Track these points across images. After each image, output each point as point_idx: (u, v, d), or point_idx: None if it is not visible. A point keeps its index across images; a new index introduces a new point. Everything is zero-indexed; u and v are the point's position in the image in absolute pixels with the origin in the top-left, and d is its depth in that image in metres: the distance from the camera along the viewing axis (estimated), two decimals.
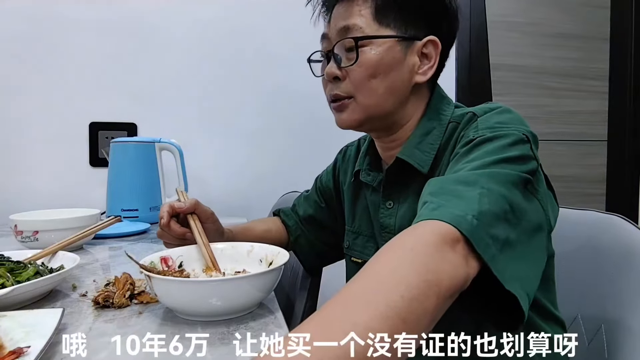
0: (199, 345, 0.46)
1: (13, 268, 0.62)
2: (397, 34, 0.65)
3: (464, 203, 0.44)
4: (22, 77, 1.41)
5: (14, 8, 1.39)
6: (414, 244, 0.40)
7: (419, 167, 0.67)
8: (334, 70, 0.67)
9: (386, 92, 0.67)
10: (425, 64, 0.68)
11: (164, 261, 0.64)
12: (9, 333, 0.43)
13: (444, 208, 0.43)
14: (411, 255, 0.38)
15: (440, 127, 0.68)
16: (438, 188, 0.48)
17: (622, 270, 0.63)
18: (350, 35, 0.65)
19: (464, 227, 0.41)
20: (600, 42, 1.95)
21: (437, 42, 0.68)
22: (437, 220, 0.42)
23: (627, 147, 1.95)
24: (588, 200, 1.94)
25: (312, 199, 0.94)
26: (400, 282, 0.36)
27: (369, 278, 0.38)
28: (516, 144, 0.53)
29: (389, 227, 0.72)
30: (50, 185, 1.42)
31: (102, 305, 0.57)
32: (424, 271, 0.37)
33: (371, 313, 0.33)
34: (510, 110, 0.62)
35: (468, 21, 1.76)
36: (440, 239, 0.40)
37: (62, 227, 0.87)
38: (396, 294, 0.35)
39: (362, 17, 0.65)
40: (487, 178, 0.47)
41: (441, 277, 0.38)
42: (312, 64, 0.76)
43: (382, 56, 0.65)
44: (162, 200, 1.35)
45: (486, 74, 1.81)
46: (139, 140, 1.34)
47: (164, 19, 1.50)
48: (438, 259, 0.38)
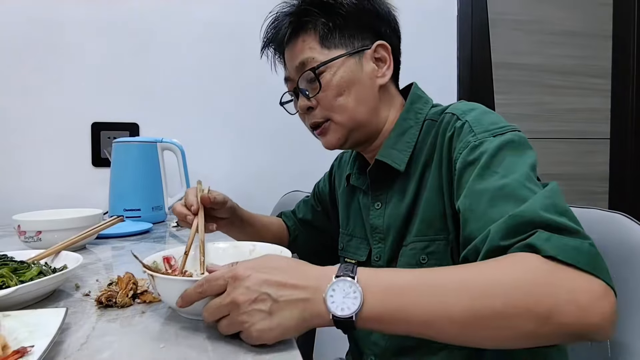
0: (202, 345, 0.46)
1: (16, 268, 0.62)
2: (346, 51, 0.71)
3: (574, 235, 0.45)
4: (24, 77, 1.41)
5: (16, 8, 1.39)
6: (535, 274, 0.42)
7: (396, 166, 0.70)
8: (306, 102, 0.73)
9: (356, 104, 0.71)
10: (382, 67, 0.73)
11: (167, 261, 0.65)
12: (13, 333, 0.43)
13: (559, 240, 0.44)
14: (529, 279, 0.42)
15: (416, 126, 0.72)
16: (533, 221, 0.46)
17: (626, 268, 0.62)
18: (307, 68, 0.70)
19: (585, 263, 0.42)
20: (602, 40, 1.94)
21: (386, 44, 0.73)
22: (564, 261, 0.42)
23: (630, 144, 1.94)
24: (590, 198, 1.94)
25: (310, 203, 1.00)
26: (502, 295, 0.42)
27: (479, 277, 0.43)
28: (525, 146, 0.58)
29: (379, 228, 0.74)
30: (53, 186, 1.42)
31: (105, 304, 0.57)
32: (533, 302, 0.41)
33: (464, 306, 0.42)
34: (488, 109, 0.66)
35: (470, 19, 1.76)
36: (574, 284, 0.42)
37: (65, 227, 0.87)
38: (490, 304, 0.41)
39: (311, 49, 0.71)
40: (554, 198, 0.49)
41: (553, 312, 0.40)
42: (285, 105, 0.82)
43: (340, 75, 0.70)
44: (165, 200, 1.35)
45: (488, 72, 1.81)
46: (141, 140, 1.34)
47: (165, 19, 1.50)
48: (562, 299, 0.41)
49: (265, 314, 0.43)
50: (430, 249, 0.66)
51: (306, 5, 0.72)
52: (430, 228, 0.66)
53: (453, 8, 1.74)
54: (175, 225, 1.25)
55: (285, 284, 0.44)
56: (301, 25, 0.72)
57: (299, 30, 0.72)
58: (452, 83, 1.75)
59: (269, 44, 0.79)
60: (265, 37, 0.79)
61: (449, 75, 1.75)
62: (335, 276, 0.44)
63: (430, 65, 1.70)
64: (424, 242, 0.67)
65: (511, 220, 0.47)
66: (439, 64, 1.72)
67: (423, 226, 0.67)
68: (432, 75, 1.71)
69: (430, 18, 1.70)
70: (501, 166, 0.55)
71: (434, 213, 0.65)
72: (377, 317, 0.43)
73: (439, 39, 1.72)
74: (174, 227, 1.24)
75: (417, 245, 0.67)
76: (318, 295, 0.44)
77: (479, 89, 1.78)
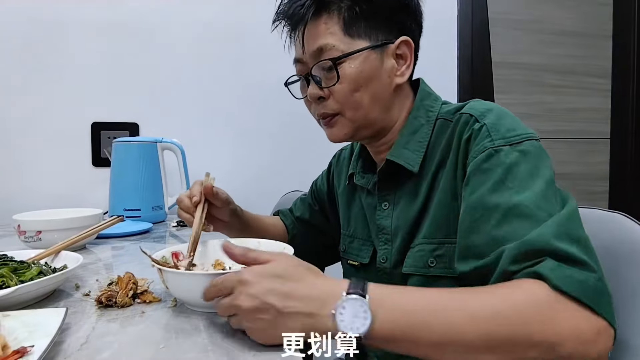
0: (202, 345, 0.46)
1: (16, 268, 0.62)
2: (370, 44, 0.65)
3: (582, 268, 0.45)
4: (25, 77, 1.41)
5: (16, 8, 1.39)
6: (541, 310, 0.43)
7: (409, 167, 0.67)
8: (317, 91, 0.67)
9: (371, 102, 0.67)
10: (402, 65, 0.69)
11: (175, 256, 0.66)
12: (13, 332, 0.43)
13: (565, 270, 0.44)
14: (531, 315, 0.43)
15: (428, 125, 0.69)
16: (543, 249, 0.47)
17: (626, 268, 0.62)
18: (326, 55, 0.65)
19: (589, 298, 0.43)
20: (602, 40, 1.94)
21: (410, 41, 0.68)
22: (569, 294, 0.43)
23: (630, 144, 1.94)
24: (591, 198, 1.94)
25: (307, 201, 0.97)
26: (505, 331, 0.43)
27: (485, 303, 0.44)
28: (542, 158, 0.56)
29: (386, 229, 0.72)
30: (53, 186, 1.42)
31: (105, 304, 0.57)
32: (537, 341, 0.42)
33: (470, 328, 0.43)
34: (506, 110, 0.63)
35: (470, 19, 1.76)
36: (578, 325, 0.43)
37: (65, 227, 0.87)
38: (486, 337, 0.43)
39: (332, 34, 0.65)
40: (569, 223, 0.49)
41: (552, 349, 0.42)
42: (291, 87, 0.76)
43: (361, 69, 0.65)
44: (165, 199, 1.35)
45: (488, 72, 1.81)
46: (141, 140, 1.34)
47: (165, 19, 1.50)
48: (566, 336, 0.42)
49: (267, 322, 0.44)
50: (438, 252, 0.64)
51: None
52: (439, 230, 0.64)
53: (453, 8, 1.74)
54: (175, 225, 1.25)
55: (292, 295, 0.44)
56: (325, 5, 0.65)
57: (321, 10, 0.65)
58: (452, 83, 1.75)
59: (283, 18, 0.70)
60: (281, 8, 0.70)
61: (449, 75, 1.75)
62: (346, 292, 0.44)
63: (430, 65, 1.69)
64: (432, 245, 0.64)
65: (523, 246, 0.47)
66: (439, 64, 1.72)
67: (433, 228, 0.64)
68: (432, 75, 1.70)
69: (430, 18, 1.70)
70: (516, 181, 0.53)
71: (444, 215, 0.63)
72: (385, 337, 0.43)
73: (439, 39, 1.71)
74: (174, 227, 1.24)
75: (425, 247, 0.65)
76: (324, 311, 0.43)
77: (479, 89, 1.78)
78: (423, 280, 0.65)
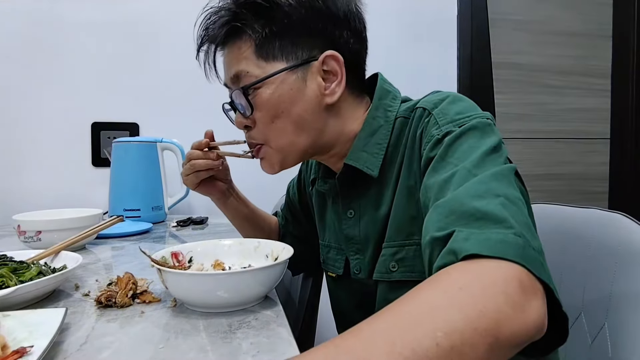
0: (202, 345, 0.46)
1: (16, 268, 0.62)
2: (287, 65, 0.59)
3: (498, 226, 0.39)
4: (24, 77, 1.41)
5: (15, 8, 1.39)
6: (463, 283, 0.34)
7: (368, 171, 0.62)
8: (242, 120, 0.64)
9: (296, 128, 0.61)
10: (332, 81, 0.61)
11: (175, 256, 0.66)
12: (12, 333, 0.43)
13: (479, 235, 0.38)
14: (460, 295, 0.33)
15: (387, 125, 0.63)
16: (454, 210, 0.42)
17: (626, 268, 0.62)
18: (242, 82, 0.61)
19: (513, 254, 0.36)
20: (602, 40, 1.94)
21: (336, 55, 0.60)
22: (490, 256, 0.36)
23: (630, 144, 1.94)
24: (590, 198, 1.94)
25: (283, 214, 0.93)
26: (438, 327, 0.30)
27: (399, 316, 0.32)
28: (487, 132, 0.51)
29: (355, 238, 0.67)
30: (53, 186, 1.42)
31: (104, 304, 0.57)
32: (476, 316, 0.31)
33: (390, 356, 0.28)
34: (461, 96, 0.58)
35: (470, 19, 1.76)
36: (500, 276, 0.35)
37: (65, 227, 0.87)
38: (430, 340, 0.29)
39: (246, 59, 0.60)
40: (492, 182, 0.44)
41: (501, 324, 0.32)
42: (229, 113, 0.72)
43: (278, 94, 0.59)
44: (164, 200, 1.35)
45: (488, 72, 1.81)
46: (140, 140, 1.34)
47: (165, 19, 1.50)
48: (500, 302, 0.32)
49: None
50: (399, 255, 0.60)
51: (238, 7, 0.60)
52: (400, 233, 0.60)
53: (453, 8, 1.74)
54: (175, 225, 1.25)
55: None
56: (237, 28, 0.60)
57: (235, 33, 0.61)
58: (452, 83, 1.75)
59: (207, 41, 0.66)
60: (200, 35, 0.66)
61: (449, 75, 1.75)
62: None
63: (430, 65, 1.70)
64: (393, 248, 0.61)
65: (435, 214, 0.43)
66: (439, 64, 1.72)
67: (392, 231, 0.61)
68: (432, 75, 1.72)
69: (430, 18, 1.70)
70: (455, 155, 0.49)
71: (403, 217, 0.60)
72: None
73: (439, 39, 1.72)
74: (173, 227, 1.24)
75: (386, 252, 0.62)
76: None
77: (479, 89, 1.78)
78: (387, 286, 0.62)
